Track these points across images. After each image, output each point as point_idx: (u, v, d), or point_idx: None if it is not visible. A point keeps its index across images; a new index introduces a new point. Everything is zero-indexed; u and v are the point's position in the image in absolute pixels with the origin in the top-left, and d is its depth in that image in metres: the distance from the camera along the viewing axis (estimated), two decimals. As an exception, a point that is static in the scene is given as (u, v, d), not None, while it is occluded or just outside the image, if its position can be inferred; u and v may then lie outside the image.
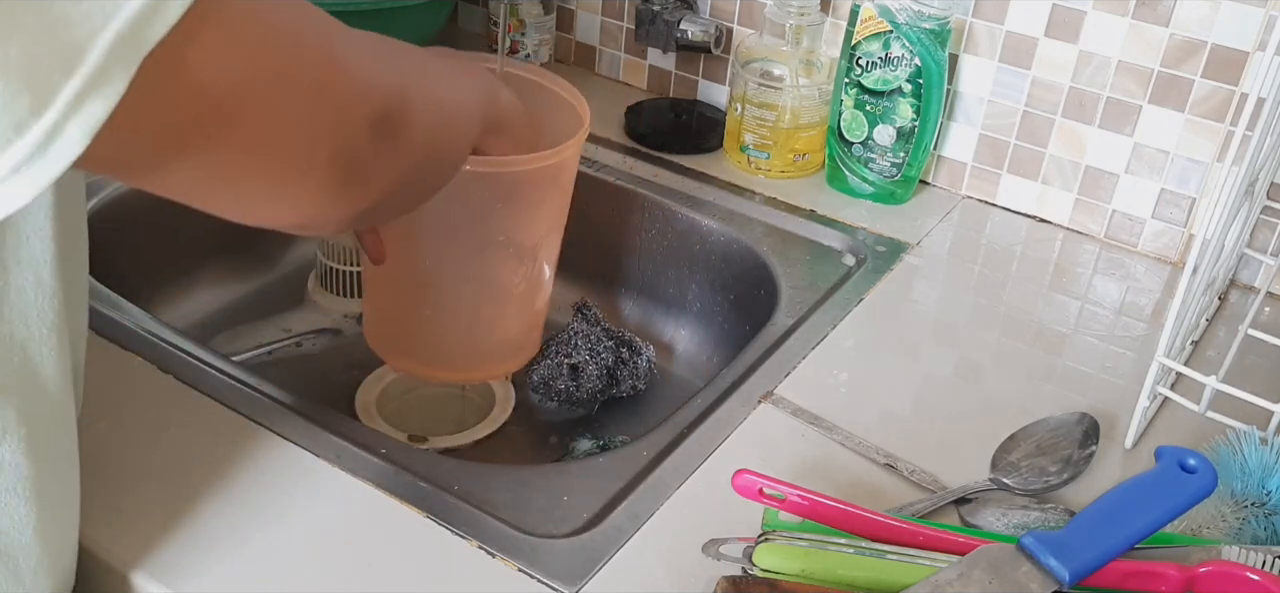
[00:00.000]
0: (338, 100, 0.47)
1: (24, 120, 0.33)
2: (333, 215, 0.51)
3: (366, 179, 0.50)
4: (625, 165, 1.11)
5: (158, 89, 0.37)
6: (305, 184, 0.47)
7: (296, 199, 0.48)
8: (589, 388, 0.95)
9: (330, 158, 0.47)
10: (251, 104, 0.42)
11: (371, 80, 0.50)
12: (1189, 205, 1.00)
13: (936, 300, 0.95)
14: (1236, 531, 0.66)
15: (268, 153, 0.44)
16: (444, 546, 0.65)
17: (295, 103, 0.44)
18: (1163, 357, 0.73)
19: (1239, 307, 0.96)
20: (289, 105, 0.44)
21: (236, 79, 0.41)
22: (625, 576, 0.64)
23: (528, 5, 1.22)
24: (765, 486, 0.63)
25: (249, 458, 0.69)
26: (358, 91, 0.49)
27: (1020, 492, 0.72)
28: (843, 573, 0.59)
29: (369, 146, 0.49)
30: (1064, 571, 0.55)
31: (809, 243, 1.01)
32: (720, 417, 0.77)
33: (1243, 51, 0.93)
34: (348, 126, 0.48)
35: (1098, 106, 1.01)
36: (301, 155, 0.46)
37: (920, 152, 1.05)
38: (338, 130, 0.47)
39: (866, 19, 1.01)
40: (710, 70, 1.21)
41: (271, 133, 0.44)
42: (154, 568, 0.62)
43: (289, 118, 0.44)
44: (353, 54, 0.48)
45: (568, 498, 0.69)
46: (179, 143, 0.40)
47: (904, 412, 0.80)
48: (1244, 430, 0.71)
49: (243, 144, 0.43)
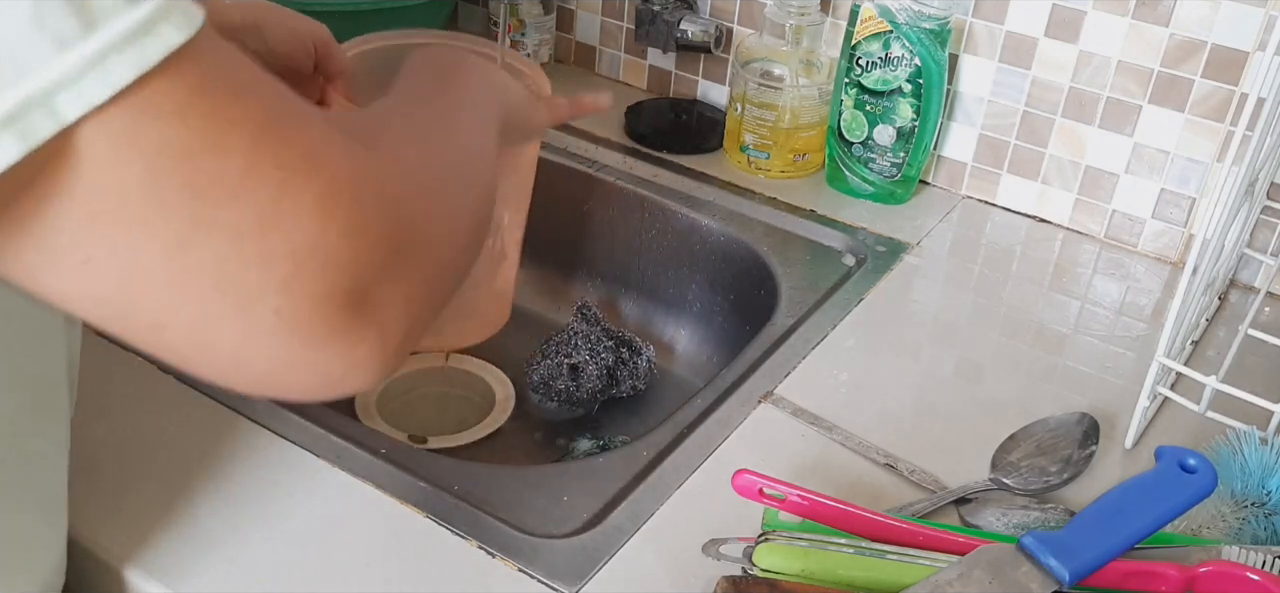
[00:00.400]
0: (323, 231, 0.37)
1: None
2: (311, 387, 0.39)
3: (361, 335, 0.39)
4: (625, 165, 1.11)
5: (56, 174, 0.32)
6: (263, 341, 0.37)
7: (236, 364, 0.38)
8: (589, 388, 0.95)
9: (286, 315, 0.36)
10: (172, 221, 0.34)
11: (375, 208, 0.39)
12: (1189, 205, 1.00)
13: (936, 300, 0.95)
14: (1236, 531, 0.66)
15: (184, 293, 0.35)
16: (444, 546, 0.65)
17: (250, 226, 0.35)
18: (1163, 357, 0.73)
19: (1239, 307, 0.96)
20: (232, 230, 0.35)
21: (128, 185, 0.33)
22: (625, 576, 0.64)
23: (528, 5, 1.22)
24: (765, 486, 0.63)
25: (249, 458, 0.69)
26: (346, 226, 0.38)
27: (1020, 492, 0.72)
28: (843, 573, 0.59)
29: (359, 301, 0.38)
30: (1064, 571, 0.55)
31: (809, 243, 1.01)
32: (720, 417, 0.77)
33: (1243, 51, 0.93)
34: (330, 270, 0.37)
35: (1098, 106, 1.01)
36: (233, 310, 0.36)
37: (920, 151, 1.05)
38: (302, 277, 0.36)
39: (866, 19, 1.01)
40: (710, 70, 1.21)
41: (183, 268, 0.35)
42: (153, 567, 0.62)
43: (213, 256, 0.35)
44: (343, 167, 0.38)
45: (568, 498, 0.69)
46: (72, 248, 0.34)
47: (904, 412, 0.80)
48: (1244, 430, 0.71)
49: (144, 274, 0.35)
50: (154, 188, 0.34)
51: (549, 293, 1.12)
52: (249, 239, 0.35)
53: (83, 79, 0.32)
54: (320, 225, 0.36)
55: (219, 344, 0.37)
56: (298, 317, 0.36)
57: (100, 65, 0.32)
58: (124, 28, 0.32)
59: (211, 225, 0.34)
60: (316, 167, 0.37)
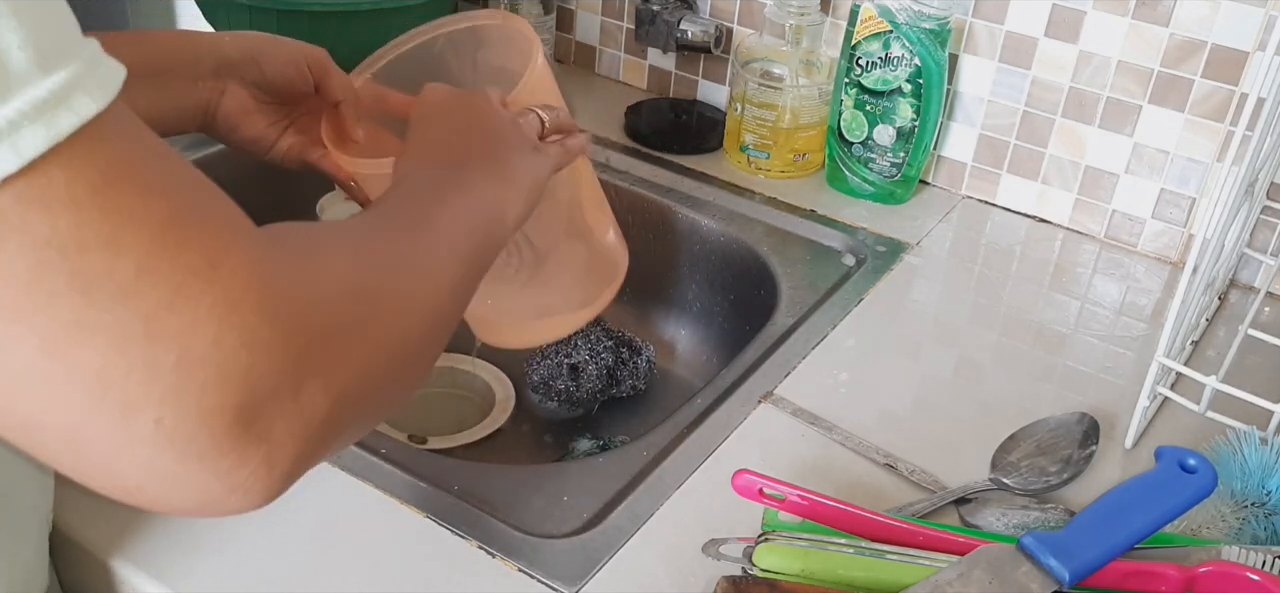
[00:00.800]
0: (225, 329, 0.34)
1: None
2: (192, 504, 0.36)
3: (264, 445, 0.36)
4: (625, 165, 1.11)
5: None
6: (120, 455, 0.34)
7: (109, 472, 0.35)
8: (589, 388, 0.95)
9: (174, 426, 0.34)
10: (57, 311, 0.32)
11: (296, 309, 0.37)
12: (1189, 205, 1.00)
13: (936, 300, 0.95)
14: (1236, 531, 0.66)
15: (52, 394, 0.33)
16: (444, 546, 0.65)
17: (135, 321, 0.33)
18: (1163, 357, 0.73)
19: (1239, 307, 0.96)
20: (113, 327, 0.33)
21: (13, 274, 0.31)
22: (625, 576, 0.64)
23: (528, 5, 1.22)
24: (765, 486, 0.63)
25: (249, 458, 0.69)
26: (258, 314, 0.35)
27: (1020, 492, 0.72)
28: (843, 573, 0.59)
29: (260, 419, 0.36)
30: (1064, 571, 0.55)
31: (809, 243, 1.01)
32: (720, 417, 0.77)
33: (1243, 51, 0.93)
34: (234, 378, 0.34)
35: (1098, 106, 1.01)
36: (107, 415, 0.33)
37: (920, 152, 1.05)
38: (187, 390, 0.34)
39: (866, 19, 1.01)
40: (710, 70, 1.21)
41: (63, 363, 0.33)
42: (152, 567, 0.62)
43: (95, 353, 0.33)
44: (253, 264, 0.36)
45: (568, 498, 0.69)
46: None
47: (904, 412, 0.80)
48: (1244, 431, 0.71)
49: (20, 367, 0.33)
50: (38, 280, 0.31)
51: (549, 293, 1.12)
52: (134, 344, 0.33)
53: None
54: (215, 334, 0.34)
55: (92, 452, 0.34)
56: (179, 430, 0.34)
57: (8, 137, 0.30)
58: (34, 98, 0.31)
59: (95, 327, 0.32)
60: (218, 271, 0.34)
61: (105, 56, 0.34)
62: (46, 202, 0.31)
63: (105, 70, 0.34)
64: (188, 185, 0.36)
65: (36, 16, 0.32)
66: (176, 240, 0.34)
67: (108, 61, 0.34)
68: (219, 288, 0.34)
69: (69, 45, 0.33)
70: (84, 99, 0.32)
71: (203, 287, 0.34)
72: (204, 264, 0.34)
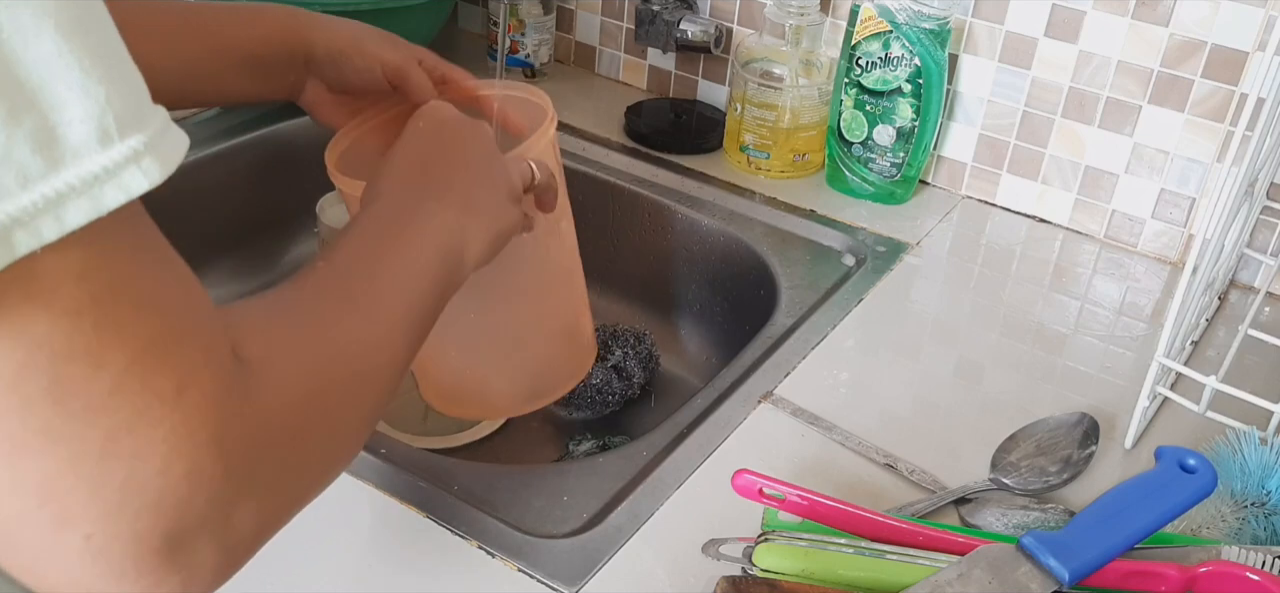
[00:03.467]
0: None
1: None
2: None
3: (183, 570, 0.36)
4: (625, 165, 1.11)
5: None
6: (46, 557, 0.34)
7: (34, 569, 0.35)
8: (623, 387, 0.95)
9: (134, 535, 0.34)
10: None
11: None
12: (1189, 205, 1.00)
13: (936, 300, 0.95)
14: (1236, 531, 0.66)
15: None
16: (444, 546, 0.65)
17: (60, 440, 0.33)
18: (1162, 357, 0.73)
19: (1239, 307, 0.96)
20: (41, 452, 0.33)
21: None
22: (625, 576, 0.64)
23: (528, 5, 1.22)
24: (765, 486, 0.63)
25: (249, 458, 0.69)
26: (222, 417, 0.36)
27: (1020, 492, 0.72)
28: (843, 573, 0.59)
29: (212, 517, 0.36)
30: (1064, 571, 0.55)
31: (809, 243, 1.01)
32: (720, 417, 0.77)
33: (1243, 51, 0.93)
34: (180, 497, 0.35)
35: (1098, 106, 1.01)
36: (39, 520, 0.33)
37: (920, 151, 1.05)
38: (123, 513, 0.34)
39: (866, 19, 1.01)
40: (710, 70, 1.21)
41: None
42: (154, 568, 0.62)
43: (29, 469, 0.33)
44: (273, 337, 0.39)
45: (568, 498, 0.69)
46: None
47: (904, 412, 0.80)
48: (1244, 431, 0.71)
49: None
50: (20, 382, 0.32)
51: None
52: (88, 461, 0.33)
53: (38, 218, 0.31)
54: (163, 462, 0.34)
55: (21, 549, 0.34)
56: (106, 549, 0.34)
57: (57, 206, 0.31)
58: (89, 171, 0.31)
59: (58, 437, 0.33)
60: (181, 398, 0.35)
61: (172, 126, 0.34)
62: (49, 302, 0.32)
63: (170, 142, 0.34)
64: (177, 299, 0.36)
65: (113, 80, 0.32)
66: (154, 362, 0.34)
67: (174, 133, 0.34)
68: (179, 416, 0.35)
69: (139, 114, 0.33)
70: (137, 175, 0.33)
71: (165, 412, 0.34)
72: (171, 389, 0.34)
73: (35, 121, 0.30)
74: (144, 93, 0.34)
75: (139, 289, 0.34)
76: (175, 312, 0.36)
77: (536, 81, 1.25)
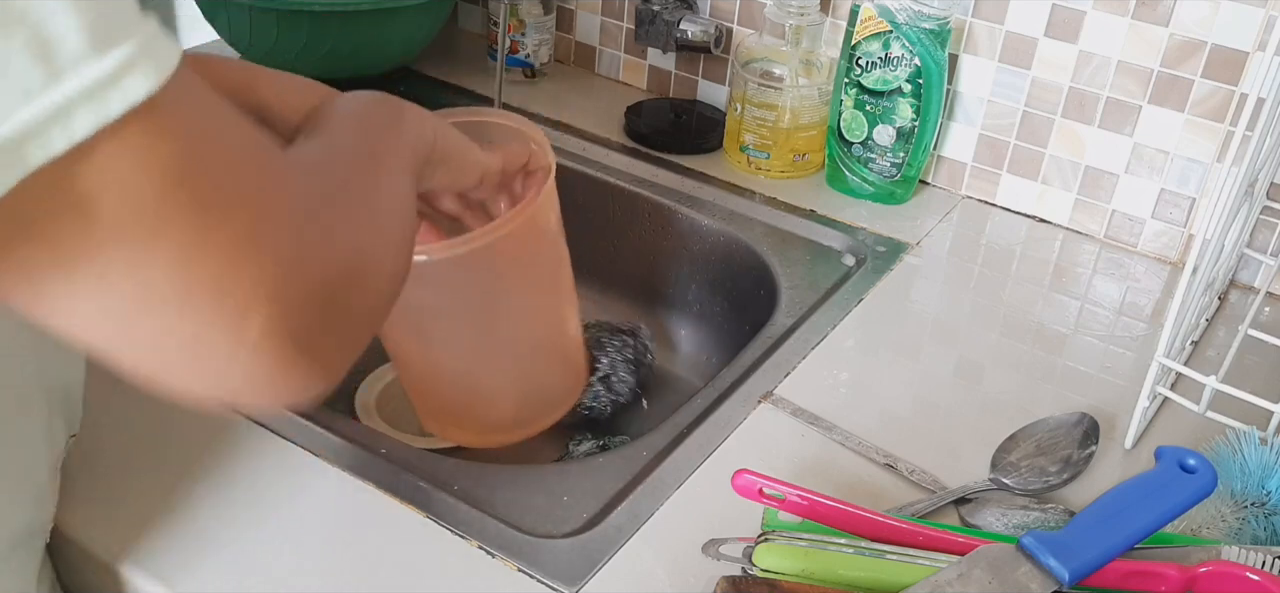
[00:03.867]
0: (280, 260, 0.39)
1: None
2: (275, 396, 0.42)
3: (318, 352, 0.41)
4: (625, 165, 1.11)
5: (45, 203, 0.34)
6: (230, 360, 0.38)
7: (219, 375, 0.39)
8: (610, 399, 0.95)
9: (265, 330, 0.38)
10: (161, 248, 0.36)
11: (324, 237, 0.42)
12: (1189, 205, 1.00)
13: (936, 300, 0.95)
14: (1236, 531, 0.66)
15: (180, 310, 0.37)
16: (444, 546, 0.65)
17: (219, 257, 0.37)
18: (1162, 357, 0.73)
19: (1239, 307, 0.96)
20: (210, 260, 0.37)
21: (142, 215, 0.35)
22: (625, 576, 0.64)
23: (528, 5, 1.22)
24: (765, 486, 0.63)
25: (249, 458, 0.69)
26: (308, 253, 0.41)
27: (1020, 492, 0.72)
28: (843, 573, 0.59)
29: (319, 319, 0.41)
30: (1064, 571, 0.55)
31: (809, 243, 1.01)
32: (720, 417, 0.77)
33: (1243, 51, 0.93)
34: (293, 293, 0.40)
35: (1098, 106, 1.01)
36: (226, 323, 0.38)
37: (920, 151, 1.05)
38: (276, 298, 0.39)
39: (866, 19, 1.01)
40: (710, 70, 1.21)
41: (184, 287, 0.36)
42: (153, 566, 0.62)
43: (209, 275, 0.37)
44: (300, 199, 0.42)
45: (568, 498, 0.69)
46: (65, 272, 0.35)
47: (904, 412, 0.80)
48: (1244, 431, 0.71)
49: (146, 293, 0.36)
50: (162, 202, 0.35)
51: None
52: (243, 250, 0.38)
53: (48, 129, 0.32)
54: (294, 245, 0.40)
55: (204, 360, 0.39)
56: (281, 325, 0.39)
57: (64, 116, 0.33)
58: (89, 80, 0.33)
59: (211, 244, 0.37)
60: (254, 239, 0.38)
61: (162, 35, 0.36)
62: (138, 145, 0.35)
63: (162, 49, 0.35)
64: (249, 147, 0.40)
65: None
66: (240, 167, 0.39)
67: (165, 41, 0.36)
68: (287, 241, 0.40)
69: (126, 25, 0.35)
70: (138, 79, 0.34)
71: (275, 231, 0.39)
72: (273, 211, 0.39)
73: (27, 34, 0.32)
74: (132, 2, 0.35)
75: (194, 139, 0.37)
76: (251, 156, 0.40)
77: (536, 82, 1.25)
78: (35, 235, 0.34)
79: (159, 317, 0.37)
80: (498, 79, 0.96)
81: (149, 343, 0.38)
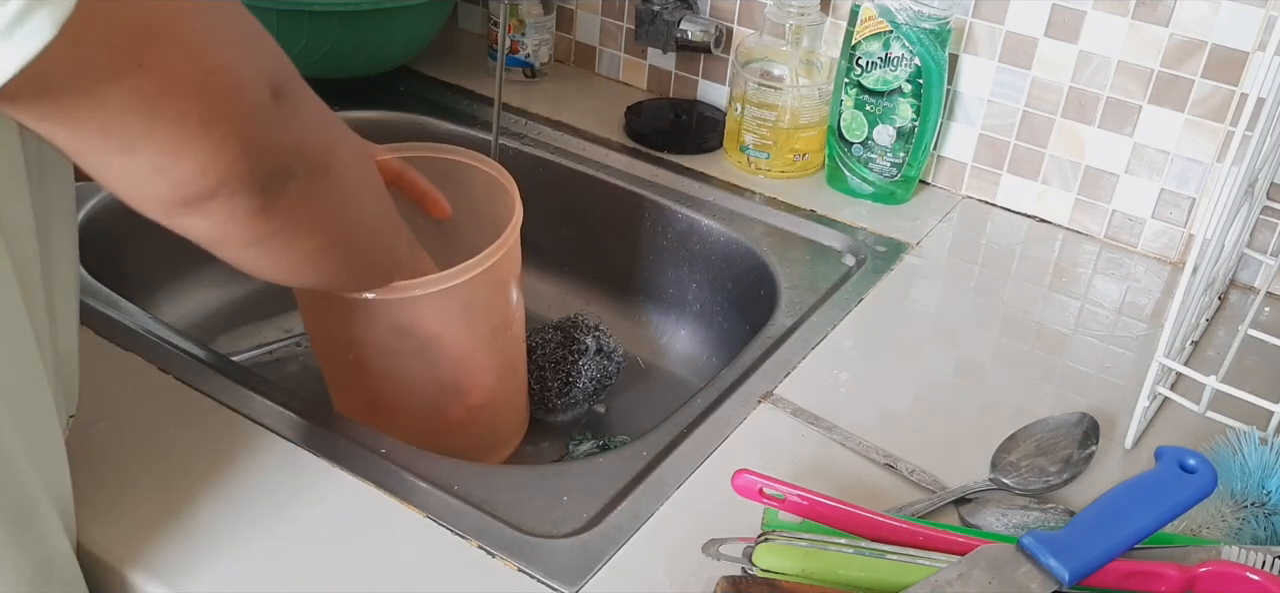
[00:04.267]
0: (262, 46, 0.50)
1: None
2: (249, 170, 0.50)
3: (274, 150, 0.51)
4: (625, 165, 1.11)
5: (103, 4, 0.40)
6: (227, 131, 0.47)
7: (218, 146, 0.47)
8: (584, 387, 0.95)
9: (251, 111, 0.48)
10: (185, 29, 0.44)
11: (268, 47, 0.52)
12: (1189, 205, 1.00)
13: (936, 300, 0.95)
14: (1236, 531, 0.66)
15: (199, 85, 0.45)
16: (444, 546, 0.65)
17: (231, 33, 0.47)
18: (1163, 357, 0.73)
19: (1239, 307, 0.96)
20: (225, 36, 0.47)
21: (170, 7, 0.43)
22: (625, 576, 0.64)
23: (528, 5, 1.22)
24: (765, 486, 0.63)
25: (249, 458, 0.69)
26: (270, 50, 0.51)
27: (1020, 492, 0.72)
28: (843, 573, 0.59)
29: (273, 108, 0.50)
30: (1064, 571, 0.55)
31: (809, 243, 1.01)
32: (720, 417, 0.77)
33: (1243, 51, 0.93)
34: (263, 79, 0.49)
35: (1098, 106, 1.01)
36: (229, 93, 0.47)
37: (920, 151, 1.05)
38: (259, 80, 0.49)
39: (866, 19, 1.01)
40: (710, 70, 1.21)
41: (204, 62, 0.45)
42: (154, 567, 0.62)
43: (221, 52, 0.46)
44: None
45: (568, 498, 0.69)
46: (115, 67, 0.42)
47: (904, 412, 0.80)
48: (1244, 431, 0.71)
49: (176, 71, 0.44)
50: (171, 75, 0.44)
51: (548, 294, 1.12)
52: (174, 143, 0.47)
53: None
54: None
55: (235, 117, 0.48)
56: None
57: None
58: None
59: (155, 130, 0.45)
60: (212, 130, 0.47)
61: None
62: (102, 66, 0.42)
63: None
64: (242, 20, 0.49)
65: None
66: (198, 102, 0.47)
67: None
68: (213, 140, 0.48)
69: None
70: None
71: (202, 134, 0.47)
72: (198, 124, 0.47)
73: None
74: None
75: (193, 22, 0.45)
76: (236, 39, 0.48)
77: (536, 81, 1.25)
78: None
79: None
80: (497, 79, 0.96)
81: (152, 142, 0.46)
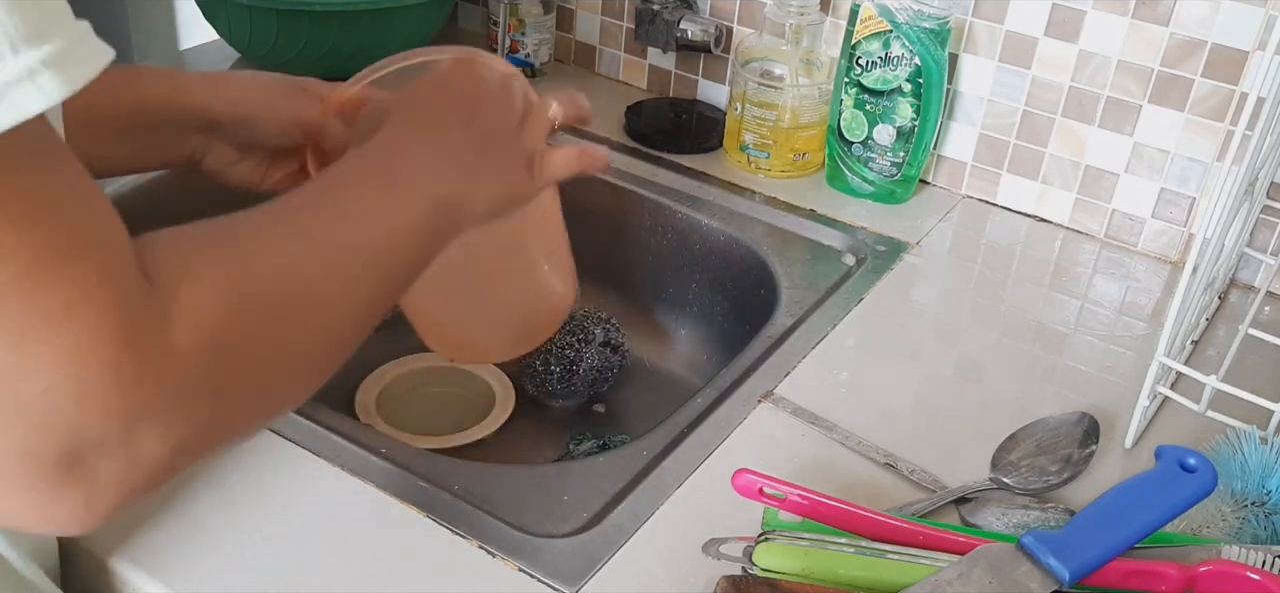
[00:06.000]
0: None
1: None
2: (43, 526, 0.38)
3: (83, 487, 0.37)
4: (625, 165, 1.11)
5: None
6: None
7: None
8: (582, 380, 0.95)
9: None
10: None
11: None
12: (1189, 205, 1.00)
13: (936, 300, 0.95)
14: (1236, 531, 0.66)
15: None
16: (444, 546, 0.65)
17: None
18: (1163, 356, 0.73)
19: (1239, 306, 0.96)
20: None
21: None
22: (625, 576, 0.64)
23: (528, 5, 1.22)
24: (765, 485, 0.63)
25: (249, 457, 0.69)
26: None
27: (1020, 492, 0.72)
28: (843, 573, 0.59)
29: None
30: (1064, 570, 0.55)
31: (809, 243, 1.01)
32: (720, 417, 0.77)
33: (1243, 51, 0.93)
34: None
35: (1098, 106, 1.01)
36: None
37: (920, 151, 1.05)
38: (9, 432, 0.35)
39: (866, 19, 1.01)
40: (710, 70, 1.21)
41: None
42: (154, 566, 0.62)
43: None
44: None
45: (568, 498, 0.69)
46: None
47: (904, 412, 0.80)
48: (1244, 430, 0.71)
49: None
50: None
51: (549, 293, 1.12)
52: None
53: None
54: (49, 383, 0.34)
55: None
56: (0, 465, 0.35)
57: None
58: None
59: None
60: (70, 318, 0.34)
61: (91, 38, 0.34)
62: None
63: (75, 61, 0.33)
64: (75, 216, 0.35)
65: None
66: (40, 282, 0.34)
67: (91, 45, 0.34)
68: (67, 336, 0.34)
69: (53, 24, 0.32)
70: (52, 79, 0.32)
71: (51, 332, 0.34)
72: (59, 309, 0.34)
73: None
74: (60, 4, 0.33)
75: (27, 204, 0.33)
76: (70, 229, 0.35)
77: (536, 81, 1.25)
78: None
79: None
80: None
81: None
